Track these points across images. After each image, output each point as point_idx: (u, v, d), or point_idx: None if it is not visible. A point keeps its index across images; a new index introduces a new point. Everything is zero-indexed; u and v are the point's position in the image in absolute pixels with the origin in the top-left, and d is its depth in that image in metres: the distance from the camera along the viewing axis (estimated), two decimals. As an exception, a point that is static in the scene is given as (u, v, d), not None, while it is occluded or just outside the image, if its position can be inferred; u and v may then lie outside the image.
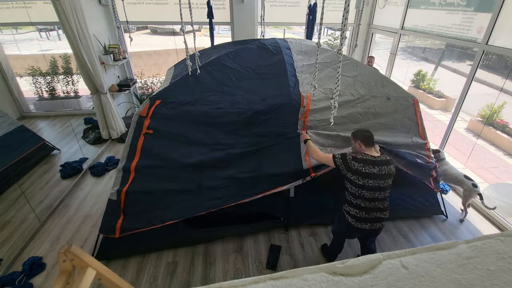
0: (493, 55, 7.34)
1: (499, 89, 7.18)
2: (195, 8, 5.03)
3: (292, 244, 3.06)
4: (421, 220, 3.42)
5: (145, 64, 8.02)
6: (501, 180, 4.79)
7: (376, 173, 2.13)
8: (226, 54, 3.07)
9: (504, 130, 5.89)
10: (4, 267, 2.68)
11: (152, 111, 2.64)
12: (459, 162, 5.19)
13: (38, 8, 4.01)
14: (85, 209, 3.48)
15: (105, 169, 4.22)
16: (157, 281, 2.66)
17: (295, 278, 0.54)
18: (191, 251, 2.95)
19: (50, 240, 3.05)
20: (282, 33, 10.80)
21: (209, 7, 4.09)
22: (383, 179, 2.16)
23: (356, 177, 2.16)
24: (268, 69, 3.03)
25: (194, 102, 2.72)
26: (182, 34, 2.78)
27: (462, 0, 3.73)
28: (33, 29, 4.45)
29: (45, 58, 4.67)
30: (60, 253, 1.16)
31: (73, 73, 5.07)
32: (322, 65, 3.05)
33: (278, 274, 0.54)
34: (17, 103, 4.30)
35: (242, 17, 5.27)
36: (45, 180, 3.88)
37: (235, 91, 2.83)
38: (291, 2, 5.44)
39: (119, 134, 5.00)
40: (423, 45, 9.86)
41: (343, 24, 1.50)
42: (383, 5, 5.42)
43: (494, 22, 3.29)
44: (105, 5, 4.94)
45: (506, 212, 3.41)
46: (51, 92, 5.01)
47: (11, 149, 3.75)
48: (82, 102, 5.36)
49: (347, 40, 6.04)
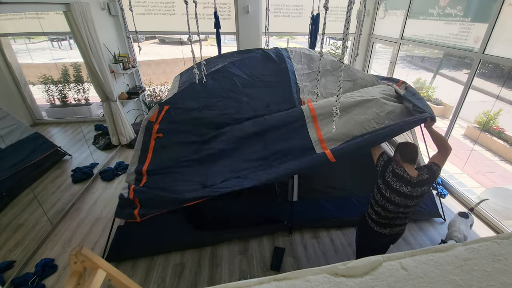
0: (490, 64, 7.40)
1: (495, 96, 7.25)
2: (202, 18, 5.12)
3: (296, 246, 3.11)
4: (420, 223, 3.45)
5: (153, 73, 8.12)
6: (497, 185, 4.83)
7: (407, 193, 1.98)
8: (231, 62, 3.14)
9: (500, 136, 5.95)
10: (18, 268, 2.73)
11: (161, 116, 2.67)
12: (456, 167, 5.24)
13: (50, 19, 4.05)
14: (96, 213, 3.54)
15: (115, 174, 4.29)
16: (165, 282, 2.69)
17: (299, 279, 0.54)
18: (198, 253, 3.00)
19: (61, 242, 3.10)
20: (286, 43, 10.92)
21: (216, 18, 4.16)
22: (412, 199, 2.01)
23: (385, 189, 2.03)
24: (271, 77, 3.11)
25: (202, 108, 2.77)
26: (189, 44, 2.82)
27: (460, 11, 3.76)
28: (46, 38, 4.54)
29: (57, 67, 4.76)
30: (71, 255, 1.19)
31: (84, 81, 5.15)
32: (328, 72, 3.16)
33: (282, 275, 0.55)
34: (30, 110, 4.35)
35: (247, 27, 5.36)
36: (57, 184, 3.95)
37: (240, 97, 2.89)
38: (295, 12, 5.53)
39: (128, 140, 5.07)
40: (422, 54, 9.93)
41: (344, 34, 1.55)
42: (383, 15, 5.51)
43: (491, 32, 3.33)
44: (115, 16, 5.03)
45: (502, 216, 3.45)
46: (63, 99, 5.09)
47: (26, 154, 3.81)
48: (93, 109, 5.45)
49: (349, 49, 6.15)
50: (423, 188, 2.00)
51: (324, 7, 1.66)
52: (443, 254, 0.61)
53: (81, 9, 3.74)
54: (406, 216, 2.16)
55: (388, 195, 2.02)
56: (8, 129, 3.65)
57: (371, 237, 2.31)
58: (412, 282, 0.55)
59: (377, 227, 2.20)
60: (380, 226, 2.19)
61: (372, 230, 2.23)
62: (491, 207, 3.57)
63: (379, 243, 2.35)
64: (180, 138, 2.66)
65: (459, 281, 0.56)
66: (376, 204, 2.14)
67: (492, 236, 0.65)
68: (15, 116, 3.88)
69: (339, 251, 3.08)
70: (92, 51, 4.01)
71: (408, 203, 2.03)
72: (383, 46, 6.04)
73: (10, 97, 4.04)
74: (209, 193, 2.31)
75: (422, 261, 0.59)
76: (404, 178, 1.97)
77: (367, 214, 2.28)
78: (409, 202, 2.02)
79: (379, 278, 0.56)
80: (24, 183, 3.69)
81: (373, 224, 2.22)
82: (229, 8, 5.31)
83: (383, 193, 2.04)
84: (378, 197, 2.10)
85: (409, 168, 2.02)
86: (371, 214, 2.23)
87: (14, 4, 3.06)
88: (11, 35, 4.02)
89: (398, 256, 0.60)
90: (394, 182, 1.99)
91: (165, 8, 5.23)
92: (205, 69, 2.97)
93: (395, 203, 2.02)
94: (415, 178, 1.98)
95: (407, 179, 1.97)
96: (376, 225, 2.20)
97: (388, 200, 2.04)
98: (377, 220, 2.18)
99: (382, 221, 2.16)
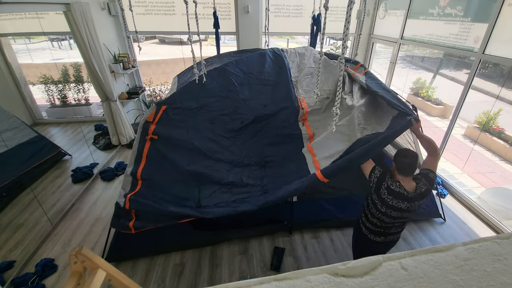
0: (490, 64, 7.41)
1: (495, 96, 7.26)
2: (202, 18, 5.12)
3: (296, 246, 3.11)
4: (420, 223, 3.46)
5: (153, 73, 8.12)
6: (497, 185, 4.82)
7: (403, 208, 1.87)
8: (230, 62, 3.16)
9: (500, 136, 5.95)
10: (18, 268, 2.74)
11: (158, 116, 2.65)
12: (456, 167, 5.25)
13: (50, 19, 4.05)
14: (96, 213, 3.54)
15: (115, 174, 4.30)
16: (165, 282, 2.69)
17: (299, 279, 0.54)
18: (198, 253, 3.00)
19: (61, 242, 3.11)
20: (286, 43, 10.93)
21: (216, 18, 4.17)
22: (408, 212, 1.91)
23: (380, 205, 1.92)
24: (269, 75, 3.14)
25: (200, 108, 2.77)
26: (189, 44, 2.78)
27: (460, 11, 3.77)
28: (46, 38, 4.56)
29: (57, 67, 4.77)
30: (71, 255, 1.20)
31: (84, 81, 5.16)
32: (313, 69, 3.24)
33: (282, 275, 0.55)
34: (30, 110, 4.37)
35: (247, 27, 5.36)
36: (57, 184, 3.95)
37: (238, 97, 2.90)
38: (294, 12, 5.53)
39: (128, 140, 5.07)
40: (422, 54, 9.94)
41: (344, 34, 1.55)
42: (383, 15, 5.51)
43: (491, 32, 3.33)
44: (115, 16, 5.02)
45: (502, 216, 3.45)
46: (63, 99, 5.11)
47: (28, 157, 3.83)
48: (93, 109, 5.46)
49: (349, 49, 6.15)
50: (421, 201, 1.89)
51: (324, 7, 1.66)
52: (443, 254, 0.60)
53: (81, 9, 3.74)
54: (403, 223, 2.10)
55: (384, 210, 1.92)
56: (12, 132, 3.67)
57: (365, 244, 2.25)
58: (412, 282, 0.55)
59: (371, 235, 2.13)
60: (374, 234, 2.12)
61: (365, 237, 2.18)
62: (491, 207, 3.57)
63: (372, 251, 2.23)
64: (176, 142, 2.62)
65: (459, 281, 0.55)
66: (372, 216, 2.05)
67: (492, 236, 0.65)
68: (16, 115, 3.87)
69: (339, 251, 3.08)
70: (92, 51, 4.01)
71: (404, 215, 1.94)
72: (383, 46, 6.04)
73: (10, 97, 4.06)
74: (202, 213, 2.29)
75: (422, 261, 0.59)
76: (400, 194, 1.84)
77: (361, 222, 2.21)
78: (406, 215, 1.94)
79: (379, 278, 0.56)
80: (24, 183, 3.69)
81: (367, 232, 2.15)
82: (229, 8, 5.31)
83: (379, 208, 1.94)
84: (373, 210, 2.01)
85: (406, 181, 1.88)
86: (365, 222, 2.15)
87: (14, 4, 3.06)
88: (11, 35, 4.03)
89: (398, 256, 0.60)
90: (390, 200, 1.87)
91: (165, 8, 5.23)
92: (205, 69, 2.98)
93: (392, 216, 1.93)
94: (412, 193, 1.85)
95: (404, 195, 1.84)
96: (371, 233, 2.13)
97: (384, 214, 1.94)
98: (372, 228, 2.11)
99: (376, 229, 2.09)
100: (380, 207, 1.93)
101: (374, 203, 1.97)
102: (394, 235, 2.14)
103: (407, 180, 1.89)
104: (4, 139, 3.50)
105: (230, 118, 2.80)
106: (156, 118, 2.65)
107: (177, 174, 2.53)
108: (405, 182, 1.88)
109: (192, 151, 2.61)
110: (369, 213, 2.08)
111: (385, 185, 1.88)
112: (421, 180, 1.92)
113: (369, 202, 2.06)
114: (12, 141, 3.62)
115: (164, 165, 2.56)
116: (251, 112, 2.81)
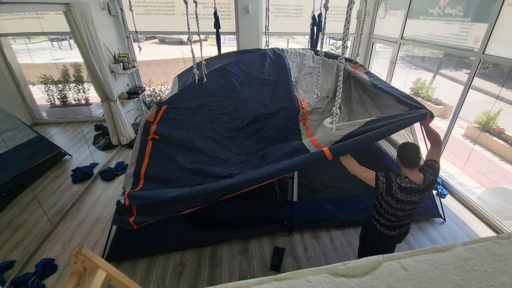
0: (490, 64, 7.40)
1: (495, 96, 7.26)
2: (202, 18, 5.12)
3: (296, 246, 3.11)
4: (420, 223, 3.46)
5: (153, 73, 8.13)
6: (497, 185, 4.82)
7: (416, 200, 1.96)
8: (230, 62, 3.16)
9: (500, 136, 5.96)
10: (18, 268, 2.73)
11: (159, 116, 2.66)
12: (456, 167, 5.25)
13: (50, 19, 4.05)
14: (96, 213, 3.54)
15: (115, 174, 4.30)
16: (165, 282, 2.69)
17: (299, 279, 0.54)
18: (198, 253, 3.00)
19: (61, 242, 3.10)
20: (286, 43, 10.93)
21: (216, 18, 4.17)
22: (420, 202, 2.01)
23: (395, 203, 1.98)
24: (269, 75, 3.15)
25: (200, 107, 2.77)
26: (189, 44, 2.80)
27: (460, 11, 3.77)
28: (45, 38, 4.56)
29: (57, 67, 4.77)
30: (71, 255, 1.20)
31: (84, 81, 5.16)
32: (312, 69, 3.25)
33: (282, 275, 0.55)
34: (30, 110, 4.37)
35: (247, 27, 5.36)
36: (57, 184, 3.95)
37: (238, 96, 2.91)
38: (295, 12, 5.54)
39: (128, 140, 5.07)
40: (422, 54, 9.93)
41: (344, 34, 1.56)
42: (384, 15, 5.52)
43: (491, 32, 3.33)
44: (115, 16, 5.03)
45: (502, 216, 3.45)
46: (63, 99, 5.11)
47: (28, 157, 3.83)
48: (93, 109, 5.46)
49: (349, 49, 6.15)
50: (430, 190, 1.99)
51: (324, 7, 1.66)
52: (443, 254, 0.60)
53: (81, 9, 3.74)
54: (414, 213, 2.16)
55: (399, 206, 1.99)
56: (12, 133, 3.67)
57: (379, 241, 2.29)
58: (412, 282, 0.55)
59: (387, 230, 2.18)
60: (389, 229, 2.17)
61: (380, 234, 2.21)
62: (491, 207, 3.57)
63: (387, 245, 2.34)
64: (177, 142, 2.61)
65: (459, 281, 0.55)
66: (386, 213, 2.10)
67: (492, 236, 0.65)
68: (16, 115, 3.88)
69: (339, 251, 3.08)
70: (92, 51, 4.01)
71: (417, 206, 2.04)
72: (383, 46, 6.04)
73: (10, 97, 4.06)
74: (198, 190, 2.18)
75: (422, 261, 0.59)
76: (412, 189, 1.92)
77: (374, 220, 2.23)
78: (418, 205, 2.04)
79: (379, 278, 0.56)
80: (24, 183, 3.69)
81: (382, 228, 2.19)
82: (229, 8, 5.31)
83: (393, 206, 2.00)
84: (387, 208, 2.05)
85: (413, 173, 1.96)
86: (379, 219, 2.18)
87: (14, 4, 3.06)
88: (11, 35, 4.03)
89: (398, 256, 0.60)
90: (404, 196, 1.94)
91: (165, 8, 5.23)
92: (205, 69, 2.98)
93: (405, 210, 2.01)
94: (422, 185, 1.94)
95: (415, 188, 1.92)
96: (386, 229, 2.18)
97: (399, 209, 2.01)
98: (386, 224, 2.15)
99: (391, 224, 2.14)
100: (395, 205, 1.99)
101: (388, 203, 2.02)
102: (407, 225, 2.21)
103: (414, 172, 1.96)
104: (4, 140, 3.50)
105: (230, 118, 2.79)
106: (157, 118, 2.65)
107: (178, 172, 2.52)
108: (413, 175, 1.95)
109: (193, 150, 2.60)
110: (382, 210, 2.12)
111: (395, 185, 1.93)
112: (427, 171, 2.00)
113: (381, 202, 2.09)
114: (12, 142, 3.63)
115: (166, 164, 2.56)
116: (251, 111, 2.81)
